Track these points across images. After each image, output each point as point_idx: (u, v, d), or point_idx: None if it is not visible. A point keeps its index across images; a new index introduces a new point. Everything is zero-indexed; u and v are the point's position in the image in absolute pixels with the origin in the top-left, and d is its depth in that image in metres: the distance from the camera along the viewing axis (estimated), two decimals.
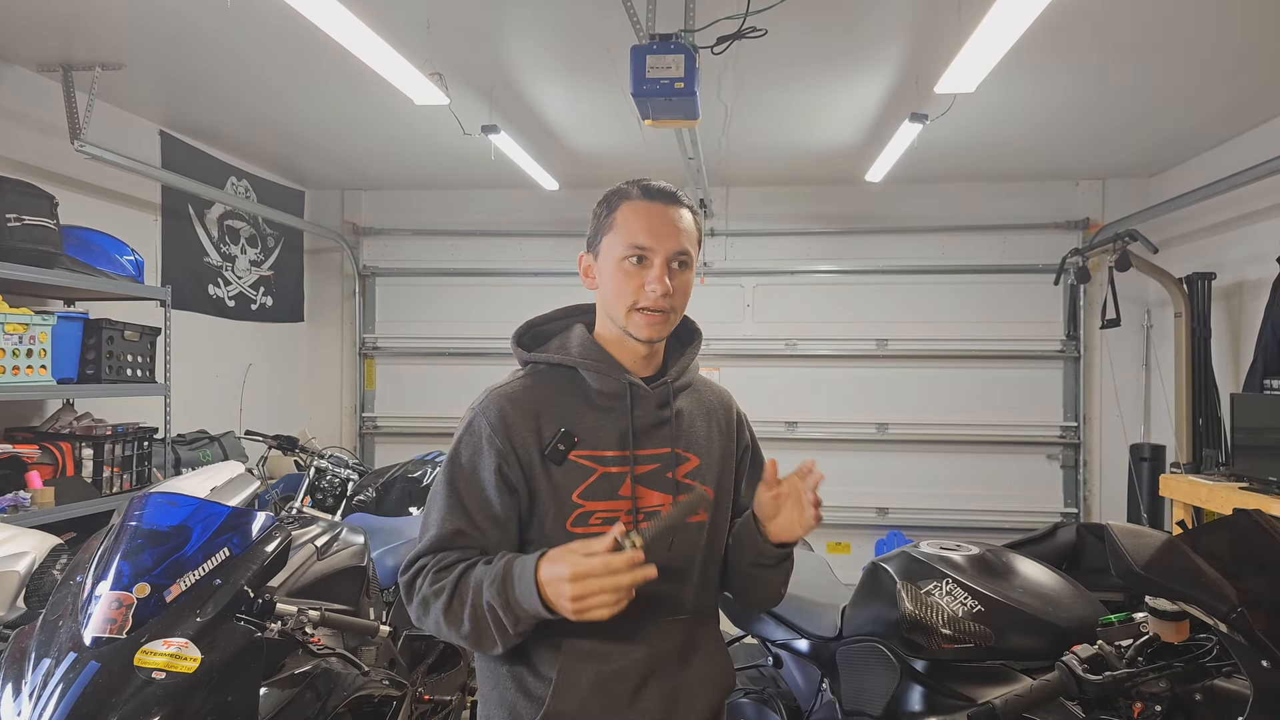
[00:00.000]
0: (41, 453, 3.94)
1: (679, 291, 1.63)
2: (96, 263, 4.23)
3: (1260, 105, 4.83)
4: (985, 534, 6.11)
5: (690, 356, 1.78)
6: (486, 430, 1.60)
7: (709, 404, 1.80)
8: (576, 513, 1.58)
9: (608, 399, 1.64)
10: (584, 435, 1.60)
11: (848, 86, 4.61)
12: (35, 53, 4.20)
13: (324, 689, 2.13)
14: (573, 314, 1.79)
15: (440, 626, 1.53)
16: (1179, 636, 1.73)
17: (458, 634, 1.52)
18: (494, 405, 1.63)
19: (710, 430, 1.76)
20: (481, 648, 1.53)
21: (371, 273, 7.31)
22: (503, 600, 1.46)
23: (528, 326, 1.77)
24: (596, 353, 1.66)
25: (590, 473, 1.59)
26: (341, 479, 4.63)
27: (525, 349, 1.74)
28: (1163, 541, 1.74)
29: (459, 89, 4.45)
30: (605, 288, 1.65)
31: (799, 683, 2.65)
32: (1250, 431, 4.43)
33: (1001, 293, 6.73)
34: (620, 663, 1.58)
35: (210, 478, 3.29)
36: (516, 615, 1.46)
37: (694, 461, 1.69)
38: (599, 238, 1.67)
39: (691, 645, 1.67)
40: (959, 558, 2.21)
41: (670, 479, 1.64)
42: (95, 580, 1.81)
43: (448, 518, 1.57)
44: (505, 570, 1.48)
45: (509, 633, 1.48)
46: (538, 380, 1.68)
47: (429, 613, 1.54)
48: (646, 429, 1.65)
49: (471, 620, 1.49)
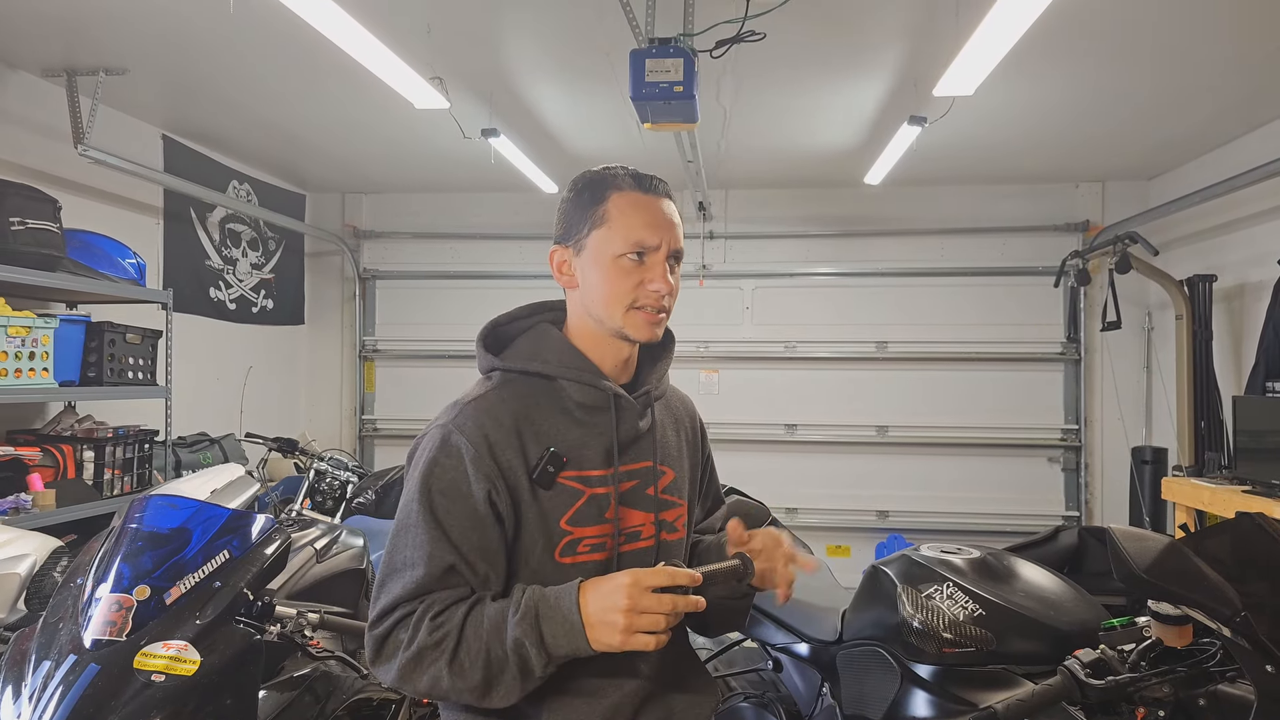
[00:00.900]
0: (43, 455, 3.94)
1: (674, 290, 1.52)
2: (99, 266, 4.24)
3: (1259, 108, 4.83)
4: (986, 537, 6.10)
5: (666, 363, 1.65)
6: (470, 451, 1.40)
7: (676, 412, 1.69)
8: (565, 540, 1.44)
9: (588, 411, 1.50)
10: (570, 454, 1.45)
11: (846, 89, 4.62)
12: (39, 58, 4.20)
13: (323, 692, 2.13)
14: (538, 311, 1.62)
15: (439, 682, 1.33)
16: (1182, 641, 1.73)
17: (464, 685, 1.32)
18: (471, 421, 1.43)
19: (680, 441, 1.66)
20: (489, 700, 1.34)
21: (372, 275, 7.31)
22: (535, 636, 1.31)
23: (491, 327, 1.59)
24: (577, 360, 1.51)
25: (578, 495, 1.45)
26: (341, 481, 4.62)
27: (491, 353, 1.55)
28: (1165, 545, 1.73)
29: (459, 93, 4.45)
30: (595, 286, 1.48)
31: (799, 687, 2.64)
32: (1252, 434, 4.42)
33: (1001, 295, 6.72)
34: (613, 698, 1.46)
35: (210, 480, 3.29)
36: (549, 655, 1.31)
37: (670, 475, 1.59)
38: (585, 230, 1.49)
39: (675, 664, 1.58)
40: (960, 561, 2.21)
41: (651, 496, 1.54)
42: (95, 582, 1.81)
43: (434, 554, 1.36)
44: (538, 604, 1.33)
45: (534, 675, 1.33)
46: (512, 391, 1.49)
47: (423, 669, 1.33)
48: (627, 443, 1.52)
49: (484, 667, 1.32)
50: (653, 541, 1.54)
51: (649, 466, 1.55)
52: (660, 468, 1.57)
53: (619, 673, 1.46)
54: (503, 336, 1.59)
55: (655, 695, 1.51)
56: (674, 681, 1.56)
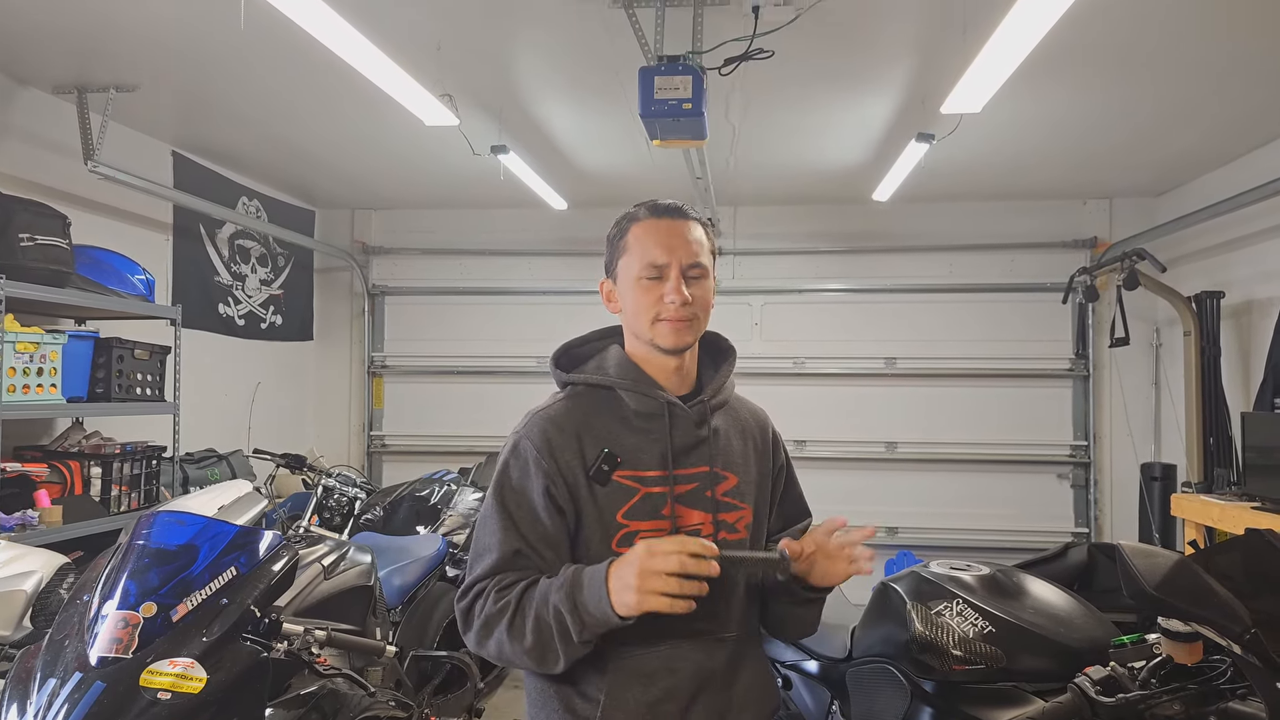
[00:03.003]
0: (50, 471, 3.94)
1: (698, 300, 1.65)
2: (108, 282, 4.26)
3: (1266, 124, 4.83)
4: (995, 554, 6.05)
5: (725, 374, 1.79)
6: (532, 453, 1.62)
7: (744, 422, 1.81)
8: (621, 533, 1.60)
9: (646, 419, 1.66)
10: (625, 455, 1.63)
11: (855, 107, 4.63)
12: (50, 74, 4.25)
13: (330, 709, 2.12)
14: (607, 335, 1.81)
15: (503, 645, 1.53)
16: (1192, 658, 1.72)
17: (521, 649, 1.52)
18: (537, 427, 1.64)
19: (746, 449, 1.77)
20: (544, 664, 1.52)
21: (381, 291, 7.34)
22: (570, 604, 1.47)
23: (564, 349, 1.80)
24: (633, 372, 1.69)
25: (633, 493, 1.61)
26: (349, 498, 4.62)
27: (563, 371, 1.75)
28: (1175, 562, 1.72)
29: (469, 110, 4.48)
30: (627, 307, 1.69)
31: (808, 704, 2.62)
32: (1261, 451, 4.39)
33: (1009, 311, 6.71)
34: (667, 683, 1.58)
35: (218, 496, 3.30)
36: (584, 621, 1.46)
37: (732, 480, 1.70)
38: (615, 262, 1.71)
39: (737, 665, 1.67)
40: (969, 578, 2.19)
41: (709, 498, 1.66)
42: (102, 599, 1.81)
43: (505, 540, 1.58)
44: (574, 577, 1.50)
45: (573, 641, 1.48)
46: (577, 402, 1.69)
47: (491, 633, 1.54)
48: (685, 448, 1.67)
49: (535, 633, 1.50)
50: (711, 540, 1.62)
51: (707, 471, 1.67)
52: (721, 472, 1.69)
53: (675, 659, 1.59)
54: (576, 357, 1.79)
55: (712, 689, 1.62)
56: (733, 679, 1.66)
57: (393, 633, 3.19)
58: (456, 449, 6.78)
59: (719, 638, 1.64)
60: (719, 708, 1.63)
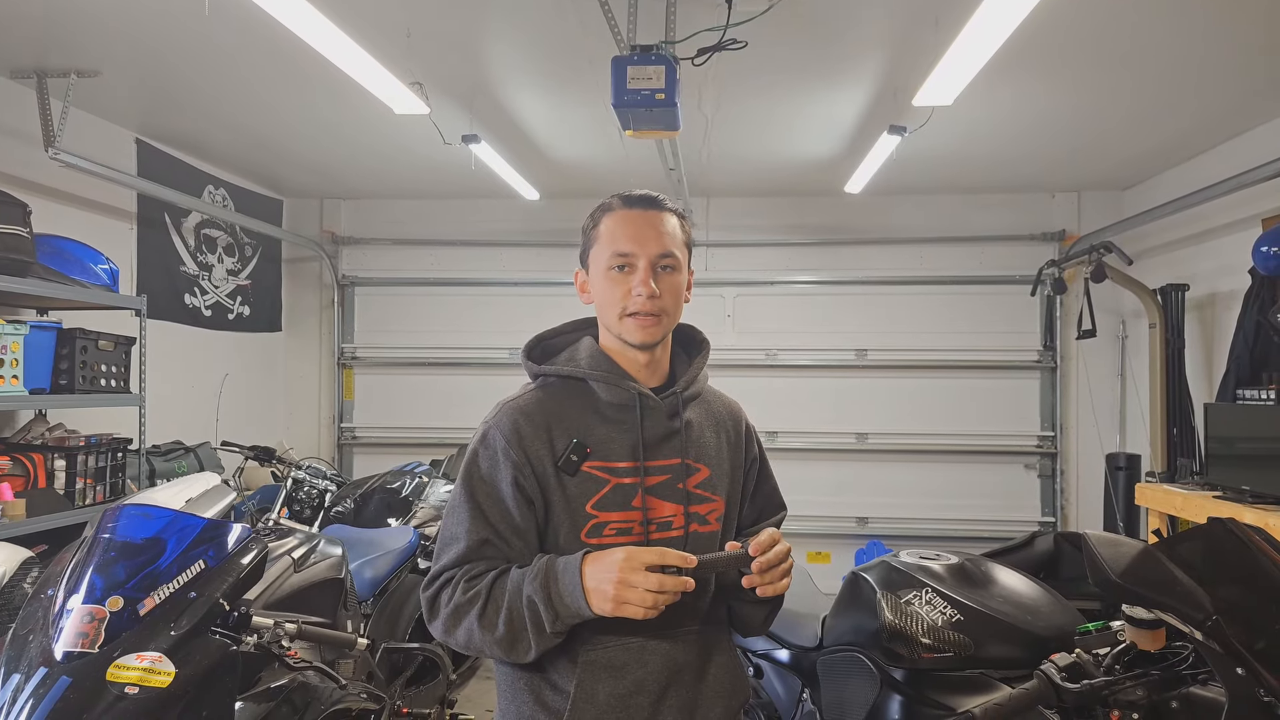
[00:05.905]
0: (13, 464, 3.88)
1: (667, 293, 1.64)
2: (70, 271, 4.18)
3: (1230, 121, 4.91)
4: (964, 543, 6.12)
5: (699, 366, 1.79)
6: (501, 443, 1.61)
7: (718, 415, 1.81)
8: (590, 524, 1.59)
9: (617, 410, 1.66)
10: (596, 446, 1.62)
11: (827, 98, 4.65)
12: (9, 59, 4.15)
13: (301, 703, 2.11)
14: (581, 327, 1.80)
15: (472, 634, 1.53)
16: (1155, 645, 1.75)
17: (491, 639, 1.52)
18: (507, 418, 1.63)
19: (719, 441, 1.77)
20: (515, 654, 1.53)
21: (350, 282, 7.27)
22: (544, 595, 1.48)
23: (536, 340, 1.79)
24: (605, 363, 1.68)
25: (603, 484, 1.61)
26: (319, 490, 4.57)
27: (535, 362, 1.75)
28: (1139, 550, 1.75)
29: (439, 98, 4.44)
30: (598, 298, 1.68)
31: (779, 693, 2.65)
32: (1223, 441, 4.48)
33: (979, 303, 6.78)
34: (638, 675, 1.58)
35: (185, 489, 3.26)
36: (557, 612, 1.48)
37: (704, 472, 1.70)
38: (588, 252, 1.70)
39: (707, 657, 1.68)
40: (938, 567, 2.22)
41: (681, 489, 1.66)
42: (67, 593, 1.79)
43: (473, 529, 1.58)
44: (548, 568, 1.51)
45: (545, 631, 1.49)
46: (549, 393, 1.69)
47: (460, 622, 1.54)
48: (657, 440, 1.66)
49: (507, 623, 1.50)
50: (682, 532, 1.65)
51: (679, 463, 1.67)
52: (693, 464, 1.69)
53: (645, 650, 1.59)
54: (549, 348, 1.78)
55: (683, 681, 1.63)
56: (703, 671, 1.67)
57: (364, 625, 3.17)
58: (428, 441, 6.75)
59: (689, 630, 1.64)
60: (689, 700, 1.63)
